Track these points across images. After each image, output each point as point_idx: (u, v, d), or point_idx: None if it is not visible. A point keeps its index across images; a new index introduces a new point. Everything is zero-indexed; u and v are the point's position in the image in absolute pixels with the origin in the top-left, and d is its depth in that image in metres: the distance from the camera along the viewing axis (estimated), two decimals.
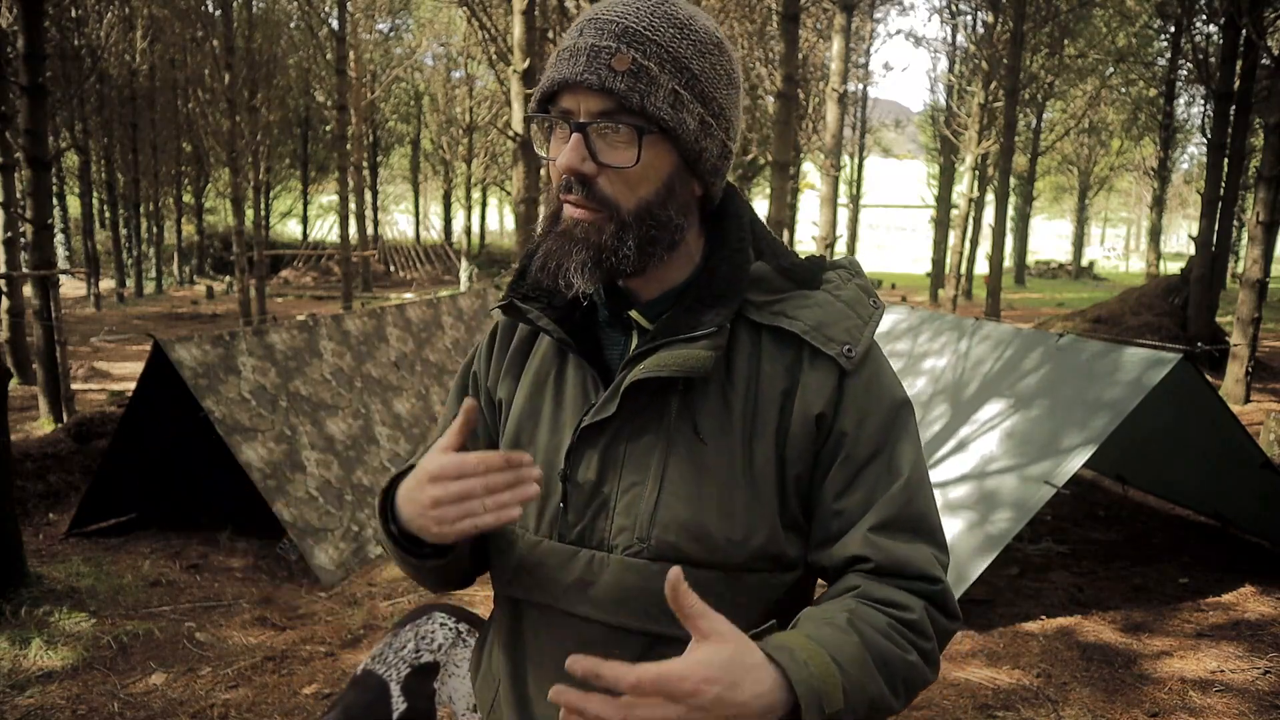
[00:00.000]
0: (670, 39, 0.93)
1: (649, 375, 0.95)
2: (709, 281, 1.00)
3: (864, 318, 1.01)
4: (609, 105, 0.92)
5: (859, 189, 29.12)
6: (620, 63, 0.91)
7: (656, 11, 0.94)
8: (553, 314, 1.04)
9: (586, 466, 1.01)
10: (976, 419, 4.82)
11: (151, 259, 24.61)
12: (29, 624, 3.85)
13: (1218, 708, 3.38)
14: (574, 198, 0.95)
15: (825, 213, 11.67)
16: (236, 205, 15.32)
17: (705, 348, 0.95)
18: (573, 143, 0.93)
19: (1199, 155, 32.61)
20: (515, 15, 8.81)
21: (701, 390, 0.98)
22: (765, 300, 1.01)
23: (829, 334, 0.98)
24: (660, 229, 0.97)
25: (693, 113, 0.94)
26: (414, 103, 32.64)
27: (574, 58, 0.92)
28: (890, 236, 61.46)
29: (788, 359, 1.00)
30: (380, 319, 6.43)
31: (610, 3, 0.95)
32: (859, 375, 0.99)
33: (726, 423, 0.98)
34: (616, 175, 0.94)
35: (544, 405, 1.07)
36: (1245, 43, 11.57)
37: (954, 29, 22.36)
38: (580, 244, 0.95)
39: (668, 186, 0.97)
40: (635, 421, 0.99)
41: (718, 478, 0.97)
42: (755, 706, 0.75)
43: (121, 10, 18.48)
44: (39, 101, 8.23)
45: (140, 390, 4.92)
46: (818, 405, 0.98)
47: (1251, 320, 9.22)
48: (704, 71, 0.95)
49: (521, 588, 1.06)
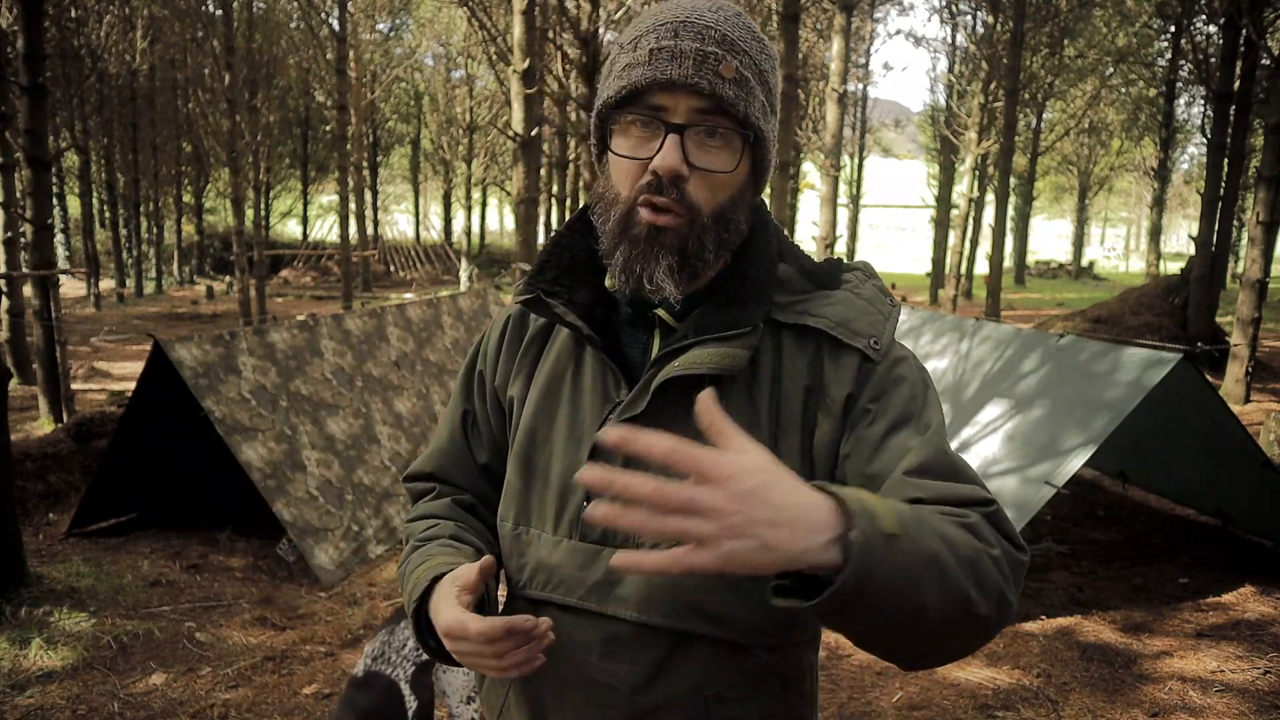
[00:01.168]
0: (756, 51, 0.97)
1: (684, 373, 0.95)
2: (741, 282, 1.01)
3: (884, 313, 1.03)
4: (709, 108, 0.93)
5: (859, 189, 29.11)
6: (727, 70, 0.93)
7: (741, 23, 0.97)
8: (576, 310, 1.03)
9: (611, 464, 0.98)
10: (977, 420, 4.82)
11: (151, 259, 24.61)
12: (29, 624, 3.85)
13: (1218, 708, 3.38)
14: (663, 200, 0.94)
15: (825, 213, 11.67)
16: (236, 205, 15.32)
17: (741, 346, 0.96)
18: (672, 143, 0.93)
19: (1199, 155, 32.61)
20: (515, 15, 8.81)
21: (728, 388, 0.98)
22: (789, 301, 1.02)
23: (854, 328, 1.00)
24: (732, 233, 0.99)
25: (770, 124, 0.99)
26: (414, 103, 32.64)
27: (677, 59, 0.92)
28: (890, 236, 61.44)
29: (809, 356, 1.01)
30: (380, 319, 6.43)
31: (691, 7, 0.96)
32: (883, 363, 1.00)
33: (754, 420, 0.99)
34: (705, 179, 0.95)
35: (560, 404, 1.06)
36: (1245, 43, 11.57)
37: (954, 29, 22.37)
38: (667, 249, 0.95)
39: (741, 192, 1.00)
40: (661, 419, 0.97)
41: None
42: (798, 512, 0.69)
43: (121, 10, 18.48)
44: (39, 101, 8.23)
45: (140, 390, 4.92)
46: (846, 389, 0.98)
47: (1251, 320, 9.22)
48: (774, 85, 1.00)
49: (541, 588, 1.05)
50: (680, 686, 0.99)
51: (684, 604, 0.97)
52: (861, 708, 3.40)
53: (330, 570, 4.67)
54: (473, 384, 1.18)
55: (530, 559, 1.06)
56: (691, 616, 0.98)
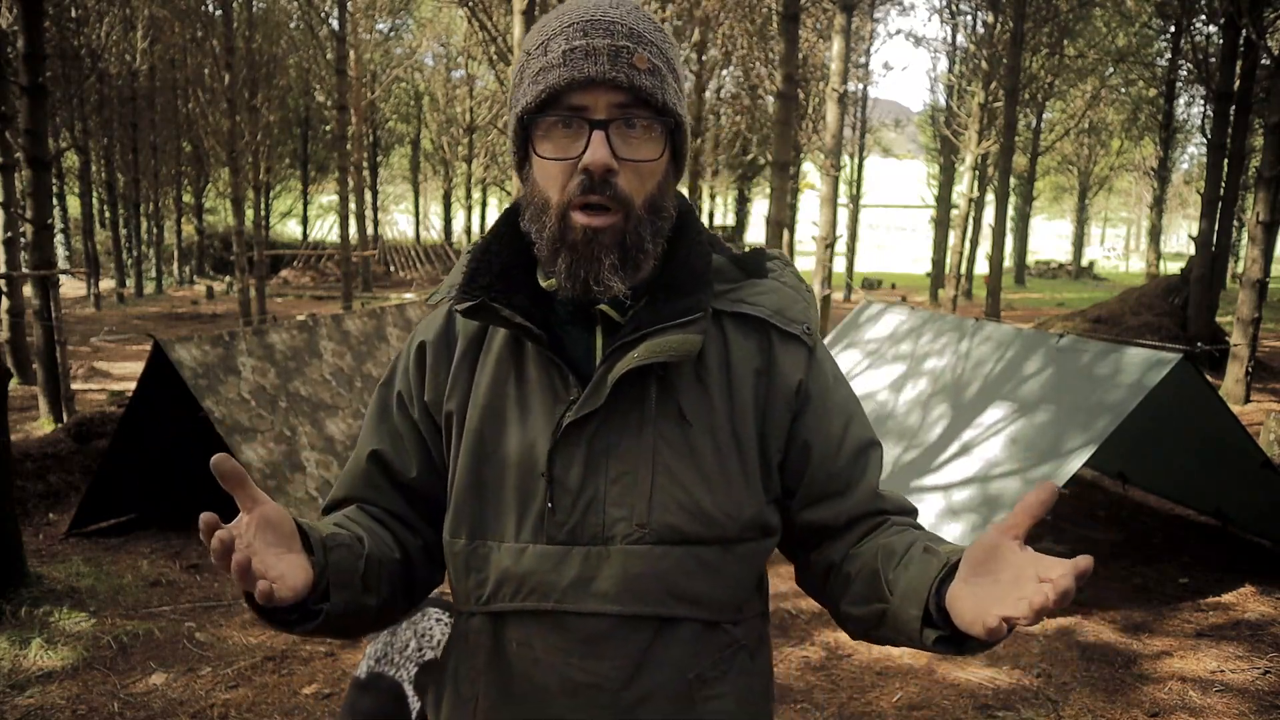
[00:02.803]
0: (661, 41, 0.99)
1: (644, 362, 0.96)
2: (681, 271, 1.04)
3: (808, 301, 1.11)
4: (627, 101, 0.94)
5: (859, 189, 29.10)
6: (641, 62, 0.94)
7: (643, 16, 0.99)
8: (519, 313, 1.01)
9: (571, 463, 0.99)
10: (978, 421, 4.82)
11: (151, 259, 24.60)
12: (29, 624, 3.85)
13: (1218, 708, 3.38)
14: (597, 198, 0.95)
15: (825, 213, 11.67)
16: (236, 205, 15.31)
17: (695, 332, 0.98)
18: (599, 139, 0.93)
19: (1199, 155, 32.60)
20: (515, 15, 8.81)
21: (678, 375, 1.01)
22: (725, 289, 1.07)
23: (789, 315, 1.07)
24: (665, 220, 1.02)
25: (684, 108, 1.01)
26: (414, 103, 32.63)
27: (591, 57, 0.93)
28: (890, 236, 61.45)
29: (755, 341, 1.06)
30: (380, 319, 6.42)
31: (593, 5, 0.97)
32: (819, 350, 1.10)
33: (708, 403, 1.02)
34: (634, 170, 0.96)
35: (507, 408, 1.04)
36: (1245, 43, 11.57)
37: (954, 29, 22.36)
38: (607, 248, 0.96)
39: (667, 178, 1.02)
40: (618, 412, 0.99)
41: (706, 456, 1.00)
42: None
43: (121, 10, 18.48)
44: (39, 101, 8.23)
45: (140, 390, 4.92)
46: (797, 376, 1.06)
47: (1251, 320, 9.22)
48: (680, 74, 1.03)
49: (510, 599, 1.02)
50: (664, 674, 1.00)
51: (665, 590, 0.99)
52: (861, 708, 3.40)
53: None
54: (389, 409, 1.11)
55: (492, 571, 1.03)
56: (672, 600, 1.00)
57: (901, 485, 4.92)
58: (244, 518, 0.84)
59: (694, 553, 1.00)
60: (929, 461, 4.87)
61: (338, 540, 0.96)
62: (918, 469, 4.90)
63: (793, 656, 3.82)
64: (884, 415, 5.68)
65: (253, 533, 0.84)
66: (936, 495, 4.59)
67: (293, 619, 0.92)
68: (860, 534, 1.06)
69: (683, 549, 0.99)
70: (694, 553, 1.00)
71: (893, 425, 5.52)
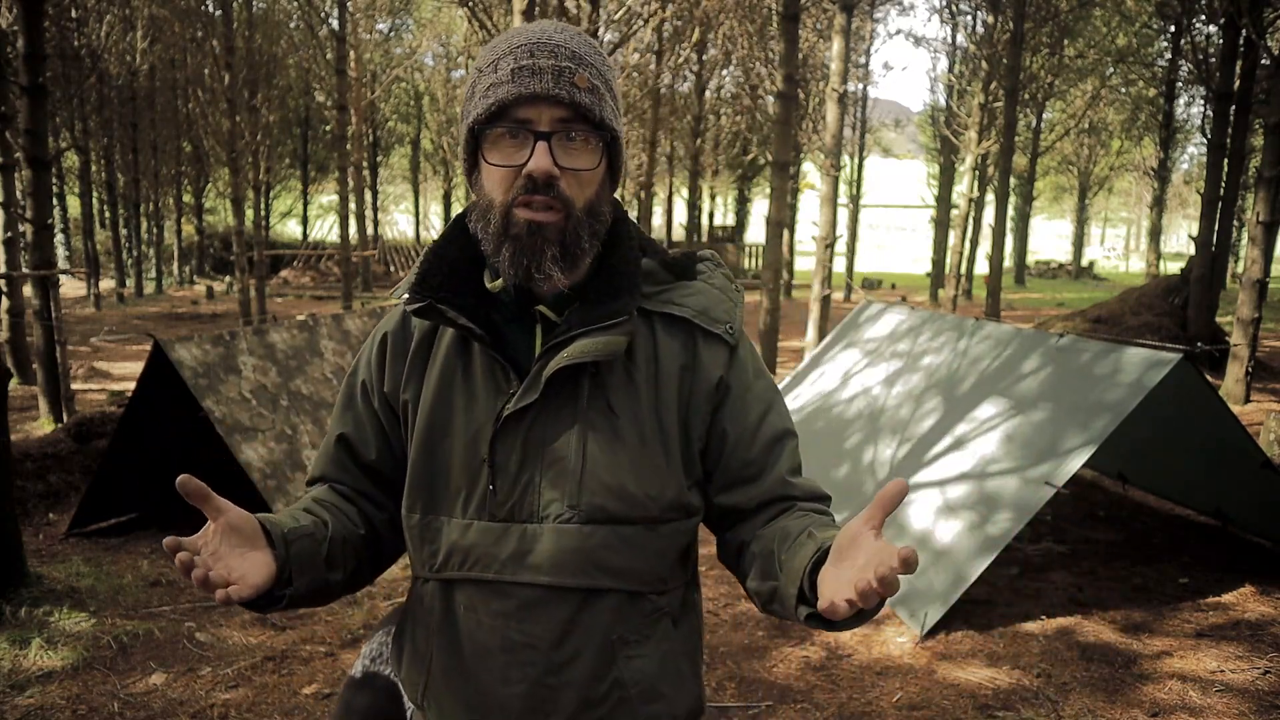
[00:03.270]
0: (600, 64, 1.11)
1: (572, 361, 1.07)
2: (611, 277, 1.14)
3: (734, 300, 1.21)
4: (568, 116, 1.06)
5: (859, 189, 29.10)
6: (581, 81, 1.06)
7: (585, 40, 1.11)
8: (464, 313, 1.13)
9: (511, 450, 1.12)
10: (976, 420, 4.82)
11: (151, 259, 24.59)
12: (29, 624, 3.85)
13: (1218, 708, 3.38)
14: (541, 199, 1.06)
15: (825, 213, 11.67)
16: (236, 205, 15.30)
17: (620, 333, 1.10)
18: (542, 149, 1.05)
19: (1199, 155, 32.61)
20: (515, 15, 8.79)
21: (609, 371, 1.12)
22: (655, 291, 1.17)
23: (712, 315, 1.17)
24: (601, 223, 1.13)
25: (620, 125, 1.14)
26: (414, 103, 32.63)
27: (537, 75, 1.05)
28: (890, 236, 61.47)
29: (680, 340, 1.16)
30: (380, 319, 6.42)
31: (540, 30, 1.09)
32: (741, 348, 1.20)
33: (634, 396, 1.13)
34: (574, 178, 1.08)
35: (455, 398, 1.16)
36: (1245, 43, 11.57)
37: (954, 29, 22.37)
38: (549, 241, 1.07)
39: (604, 186, 1.13)
40: (553, 405, 1.11)
41: (632, 444, 1.12)
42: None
43: (121, 10, 18.47)
44: (39, 101, 8.23)
45: (140, 390, 4.92)
46: (717, 372, 1.16)
47: (1251, 320, 9.22)
48: (618, 93, 1.15)
49: (457, 568, 1.15)
50: (589, 637, 1.13)
51: (592, 564, 1.11)
52: (861, 708, 3.40)
53: None
54: (355, 396, 1.25)
55: (442, 544, 1.16)
56: (598, 573, 1.12)
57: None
58: (210, 526, 0.97)
59: (619, 531, 1.12)
60: (927, 460, 4.86)
61: (299, 532, 1.09)
62: (914, 466, 4.90)
63: (793, 656, 3.82)
64: (884, 416, 5.68)
65: (218, 540, 0.97)
66: (933, 492, 4.59)
67: (261, 604, 1.04)
68: (769, 517, 1.17)
69: (608, 528, 1.11)
70: (619, 531, 1.12)
71: (894, 428, 5.52)
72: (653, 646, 1.17)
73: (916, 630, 3.99)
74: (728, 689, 3.54)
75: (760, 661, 3.78)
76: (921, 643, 3.92)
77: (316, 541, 1.10)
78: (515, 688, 1.13)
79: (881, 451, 5.22)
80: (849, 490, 5.28)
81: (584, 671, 1.13)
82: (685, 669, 1.22)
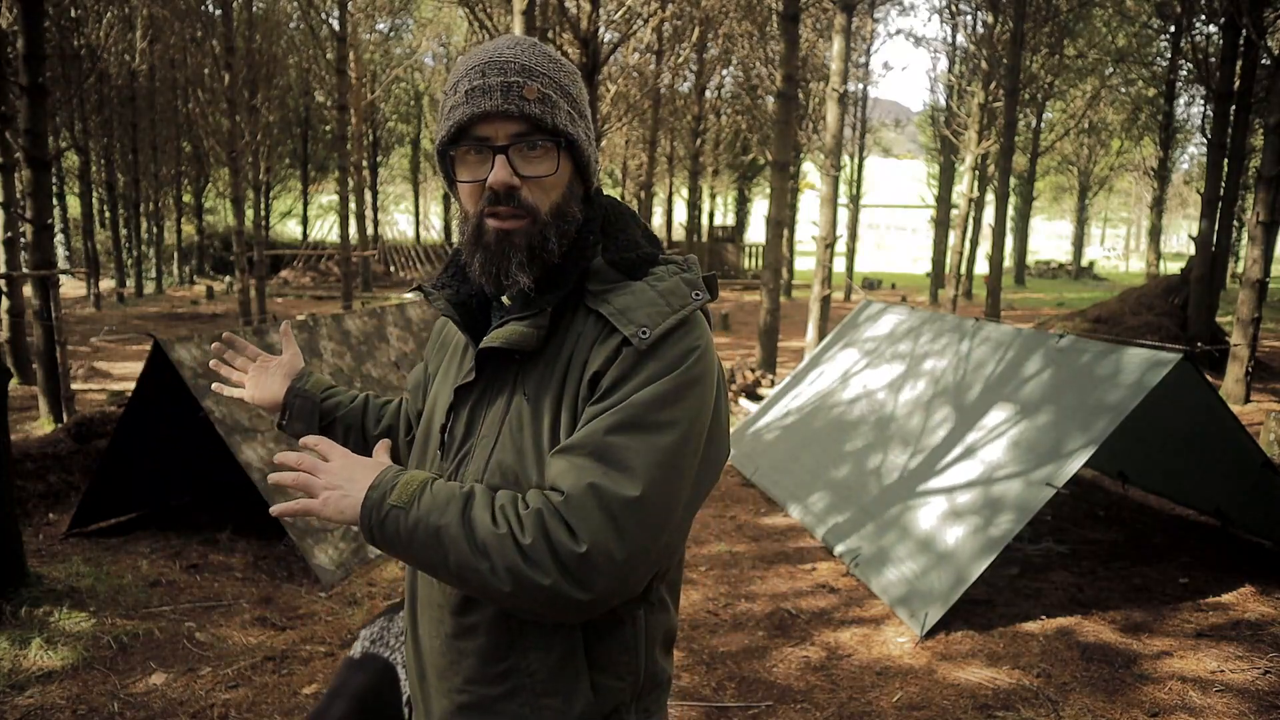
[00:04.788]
0: (554, 71, 1.17)
1: (488, 345, 1.18)
2: (550, 273, 1.20)
3: (674, 307, 1.13)
4: (524, 128, 1.13)
5: (859, 189, 29.08)
6: (530, 92, 1.13)
7: (537, 51, 1.17)
8: (457, 299, 1.28)
9: (457, 422, 1.26)
10: (985, 428, 4.82)
11: (151, 259, 24.58)
12: (29, 624, 3.85)
13: (1218, 708, 3.38)
14: (505, 209, 1.15)
15: (825, 212, 11.67)
16: (236, 205, 15.30)
17: (530, 326, 1.17)
18: (500, 162, 1.13)
19: (1199, 155, 32.62)
20: (515, 15, 8.80)
21: (534, 361, 1.20)
22: (599, 289, 1.20)
23: (630, 316, 1.12)
24: (570, 223, 1.20)
25: (579, 126, 1.19)
26: (414, 103, 32.63)
27: (488, 94, 1.12)
28: (890, 236, 61.49)
29: (592, 337, 1.17)
30: (380, 319, 6.42)
31: (494, 48, 1.16)
32: (653, 358, 1.10)
33: (546, 389, 1.18)
34: (536, 184, 1.16)
35: (441, 374, 1.37)
36: (1245, 43, 11.57)
37: (954, 29, 22.37)
38: (516, 248, 1.16)
39: (570, 188, 1.20)
40: (494, 386, 1.23)
41: (535, 433, 1.18)
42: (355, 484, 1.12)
43: (121, 10, 18.46)
44: (39, 101, 8.22)
45: (140, 390, 4.92)
46: (596, 366, 1.13)
47: (1251, 320, 9.22)
48: (578, 95, 1.21)
49: None
50: (485, 611, 1.18)
51: None
52: (861, 708, 3.40)
53: (330, 570, 4.66)
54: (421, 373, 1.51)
55: None
56: None
57: (904, 489, 4.92)
58: (268, 357, 1.63)
59: None
60: (937, 468, 4.86)
61: (314, 396, 1.58)
62: (925, 475, 4.90)
63: (793, 657, 3.82)
64: (884, 417, 5.68)
65: (259, 362, 1.64)
66: (940, 499, 4.59)
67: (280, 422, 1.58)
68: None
69: None
70: None
71: (894, 429, 5.52)
72: (559, 641, 1.16)
73: (916, 630, 3.99)
74: (728, 689, 3.54)
75: (760, 661, 3.78)
76: (921, 643, 3.92)
77: (321, 412, 1.56)
78: (435, 641, 1.25)
79: (891, 459, 5.21)
80: (850, 491, 5.28)
81: (483, 645, 1.19)
82: (585, 673, 1.18)
